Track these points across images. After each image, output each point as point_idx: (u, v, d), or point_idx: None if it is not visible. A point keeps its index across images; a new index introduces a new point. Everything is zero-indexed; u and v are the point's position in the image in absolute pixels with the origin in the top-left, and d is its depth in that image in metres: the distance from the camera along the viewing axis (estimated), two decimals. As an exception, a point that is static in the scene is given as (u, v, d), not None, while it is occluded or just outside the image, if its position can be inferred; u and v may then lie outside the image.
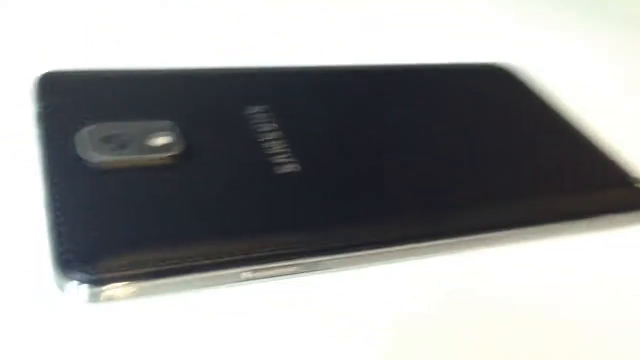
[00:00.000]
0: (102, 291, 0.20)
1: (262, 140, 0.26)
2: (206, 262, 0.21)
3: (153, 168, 0.24)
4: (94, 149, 0.24)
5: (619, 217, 0.28)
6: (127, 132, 0.25)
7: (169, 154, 0.24)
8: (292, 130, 0.27)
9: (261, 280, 0.22)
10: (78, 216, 0.21)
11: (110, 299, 0.20)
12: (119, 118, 0.26)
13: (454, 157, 0.28)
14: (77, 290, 0.20)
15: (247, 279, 0.22)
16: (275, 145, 0.26)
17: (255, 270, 0.22)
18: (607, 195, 0.28)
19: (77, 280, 0.20)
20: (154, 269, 0.20)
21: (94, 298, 0.20)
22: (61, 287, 0.20)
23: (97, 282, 0.20)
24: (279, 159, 0.25)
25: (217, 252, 0.21)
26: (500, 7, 0.47)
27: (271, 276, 0.22)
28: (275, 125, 0.27)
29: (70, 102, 0.26)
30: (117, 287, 0.20)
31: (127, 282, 0.20)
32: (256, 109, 0.28)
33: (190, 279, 0.21)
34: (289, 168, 0.25)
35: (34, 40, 0.32)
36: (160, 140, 0.25)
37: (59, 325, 0.20)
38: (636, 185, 0.29)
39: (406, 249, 0.24)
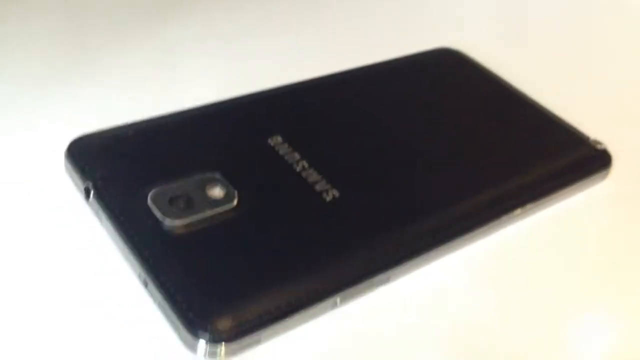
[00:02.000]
0: (234, 344, 0.23)
1: (295, 170, 0.29)
2: (309, 296, 0.24)
3: (223, 220, 0.26)
4: (165, 213, 0.26)
5: (590, 178, 0.33)
6: (184, 191, 0.27)
7: (231, 205, 0.27)
8: (313, 154, 0.30)
9: (347, 302, 0.26)
10: (188, 282, 0.24)
11: (242, 349, 0.23)
12: (169, 176, 0.28)
13: (463, 148, 0.33)
14: (209, 348, 0.23)
15: (337, 305, 0.25)
16: (310, 174, 0.29)
17: (345, 295, 0.25)
18: (578, 160, 0.33)
19: (209, 339, 0.22)
20: (273, 314, 0.23)
21: (230, 352, 0.23)
22: (193, 348, 0.23)
23: (228, 337, 0.23)
24: (319, 187, 0.29)
25: (315, 285, 0.25)
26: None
27: (355, 296, 0.26)
28: (297, 154, 0.30)
29: (117, 170, 0.28)
30: (246, 338, 0.23)
31: (253, 333, 0.23)
32: (276, 139, 0.31)
33: (300, 316, 0.24)
34: (330, 195, 0.28)
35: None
36: (217, 192, 0.27)
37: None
38: (598, 146, 0.34)
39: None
